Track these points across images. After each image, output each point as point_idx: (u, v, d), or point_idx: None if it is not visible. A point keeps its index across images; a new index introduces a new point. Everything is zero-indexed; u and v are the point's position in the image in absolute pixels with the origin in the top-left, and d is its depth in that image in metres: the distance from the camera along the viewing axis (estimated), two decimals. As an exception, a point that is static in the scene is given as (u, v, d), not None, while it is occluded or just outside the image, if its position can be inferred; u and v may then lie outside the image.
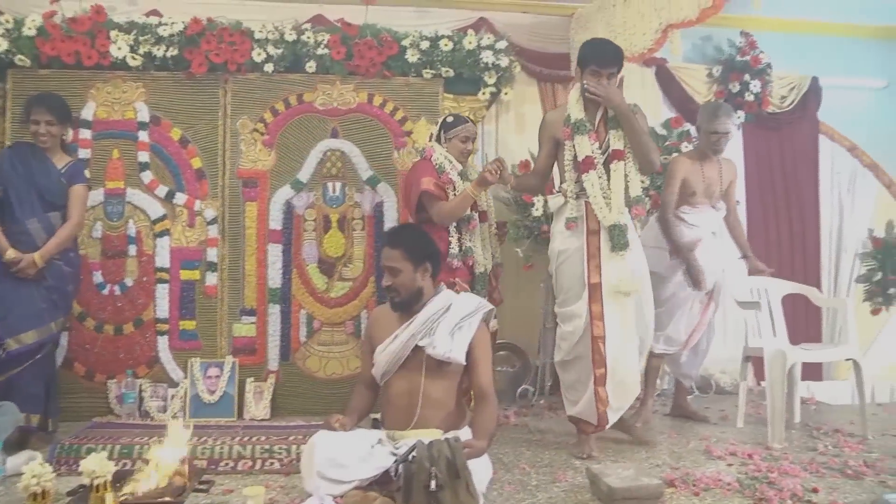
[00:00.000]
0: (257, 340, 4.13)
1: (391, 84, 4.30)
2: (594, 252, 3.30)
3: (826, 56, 5.79)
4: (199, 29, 4.09)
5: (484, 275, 3.67)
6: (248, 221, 4.16)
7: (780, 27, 5.60)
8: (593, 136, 3.34)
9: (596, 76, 3.30)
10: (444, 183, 3.57)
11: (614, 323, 3.27)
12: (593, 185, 3.28)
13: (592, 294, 3.28)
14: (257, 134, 4.19)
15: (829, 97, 5.74)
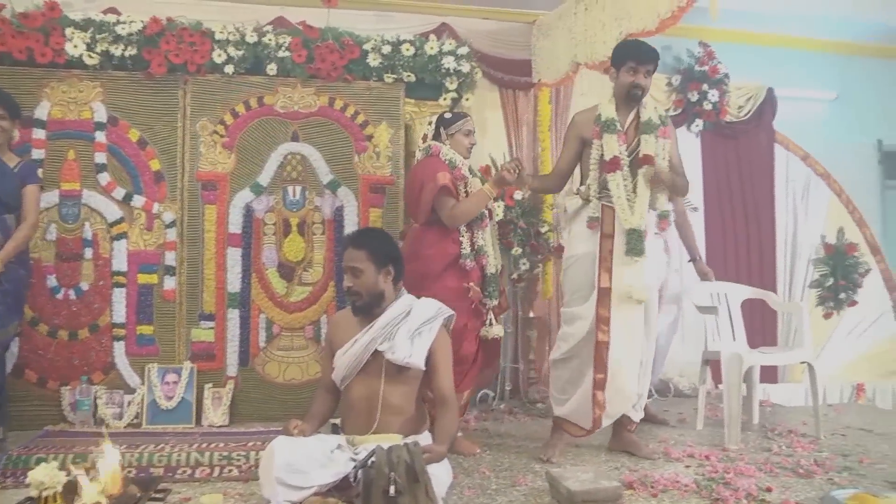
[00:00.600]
0: (216, 346, 4.07)
1: (352, 88, 4.29)
2: (606, 255, 3.26)
3: (781, 68, 5.93)
4: (159, 28, 4.03)
5: (495, 276, 3.59)
6: (207, 225, 4.11)
7: (737, 38, 5.72)
8: (622, 137, 3.30)
9: (633, 73, 3.28)
10: (457, 179, 3.49)
11: (620, 329, 3.22)
12: (618, 186, 3.24)
13: (601, 298, 3.23)
14: (217, 136, 4.14)
15: (783, 107, 5.88)
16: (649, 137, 3.29)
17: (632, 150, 3.31)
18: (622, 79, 3.31)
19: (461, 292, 3.42)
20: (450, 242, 3.48)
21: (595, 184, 3.34)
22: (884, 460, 3.39)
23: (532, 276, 4.94)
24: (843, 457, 3.44)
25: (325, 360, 2.91)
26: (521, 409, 4.60)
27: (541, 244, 4.74)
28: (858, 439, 3.86)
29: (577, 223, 3.43)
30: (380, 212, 4.27)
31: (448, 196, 3.43)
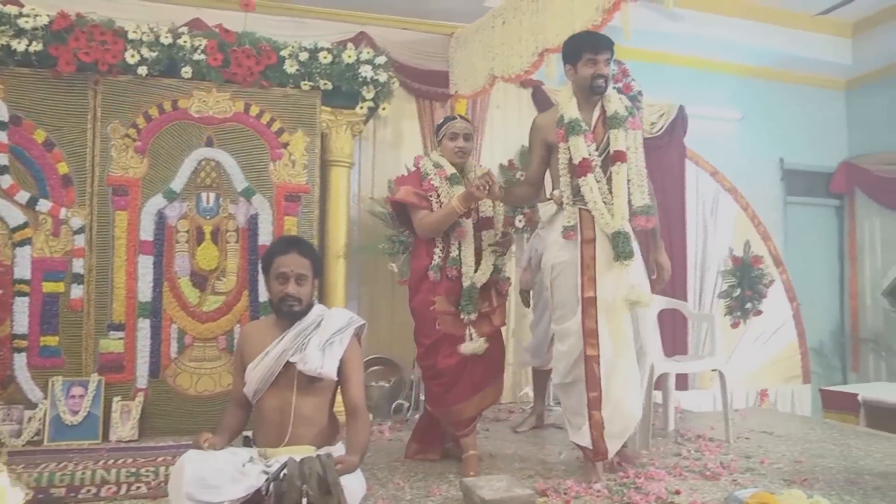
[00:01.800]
0: (125, 357, 3.92)
1: (269, 94, 4.22)
2: (588, 263, 3.06)
3: (691, 87, 6.19)
4: (67, 24, 3.84)
5: (472, 289, 3.33)
6: (117, 231, 3.95)
7: (649, 58, 5.93)
8: (590, 136, 3.09)
9: (593, 64, 3.08)
10: (426, 190, 3.38)
11: (609, 341, 3.02)
12: (592, 190, 3.04)
13: (586, 309, 3.04)
14: (129, 140, 4.00)
15: (694, 125, 6.13)
16: (618, 132, 3.08)
17: (602, 149, 3.12)
18: (581, 72, 3.11)
19: (428, 305, 3.38)
20: (424, 255, 3.43)
21: (568, 189, 3.14)
22: (781, 460, 3.58)
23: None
24: (746, 458, 3.60)
25: (235, 372, 2.84)
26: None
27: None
28: (761, 441, 4.05)
29: (553, 231, 3.24)
30: (295, 220, 4.21)
31: (416, 209, 3.38)
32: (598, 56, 3.08)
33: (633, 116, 3.16)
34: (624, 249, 3.00)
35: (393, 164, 5.16)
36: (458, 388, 3.34)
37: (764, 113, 6.52)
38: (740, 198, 6.49)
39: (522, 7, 4.12)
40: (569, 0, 3.71)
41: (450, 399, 3.35)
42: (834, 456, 3.67)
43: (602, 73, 3.08)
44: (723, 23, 5.82)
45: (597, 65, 3.08)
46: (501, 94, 5.37)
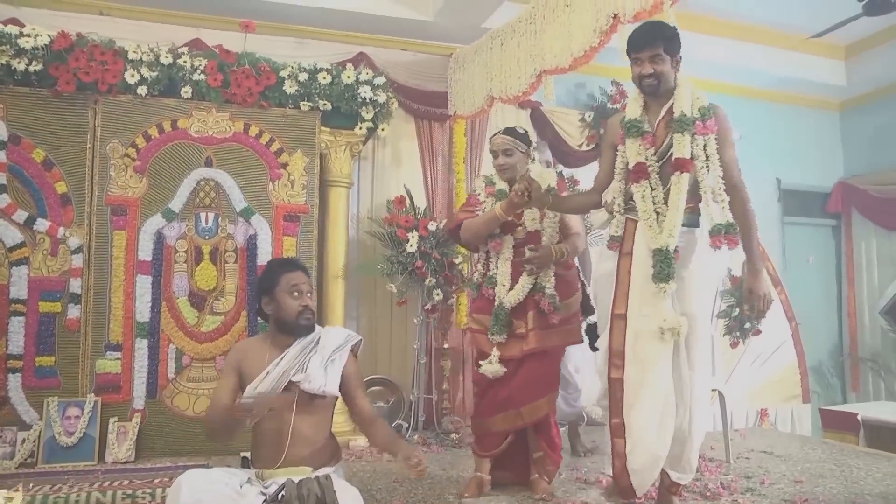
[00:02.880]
0: (122, 377, 3.90)
1: (268, 115, 4.24)
2: (623, 277, 2.77)
3: (689, 107, 6.21)
4: (68, 44, 3.87)
5: (500, 310, 3.12)
6: (115, 251, 3.96)
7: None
8: (649, 139, 2.78)
9: (638, 63, 2.76)
10: (472, 206, 3.32)
11: (636, 367, 2.68)
12: (644, 198, 2.73)
13: (615, 327, 2.76)
14: (128, 159, 4.01)
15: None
16: (682, 137, 2.71)
17: (662, 154, 2.78)
18: (632, 72, 2.82)
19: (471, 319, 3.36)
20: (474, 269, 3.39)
21: (620, 196, 2.87)
22: (782, 480, 3.56)
23: (446, 307, 4.95)
24: (746, 479, 3.57)
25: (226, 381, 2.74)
26: (435, 441, 4.58)
27: (454, 275, 4.76)
28: (761, 461, 4.02)
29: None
30: (294, 240, 4.21)
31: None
32: (640, 54, 2.74)
33: (706, 119, 2.72)
34: (662, 270, 2.63)
35: (392, 185, 5.17)
36: (484, 402, 3.23)
37: (761, 133, 6.54)
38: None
39: (521, 29, 4.15)
40: (566, 22, 3.74)
41: (477, 409, 3.30)
42: (834, 476, 3.65)
43: (647, 73, 2.73)
44: (719, 44, 5.86)
45: (641, 64, 2.75)
46: (500, 114, 5.39)
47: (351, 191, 4.76)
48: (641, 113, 2.82)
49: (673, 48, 2.73)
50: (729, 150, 2.75)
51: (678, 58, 2.77)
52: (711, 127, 2.72)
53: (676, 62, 2.77)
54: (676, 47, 2.75)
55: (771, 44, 6.06)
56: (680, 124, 2.71)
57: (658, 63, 2.72)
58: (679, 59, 2.77)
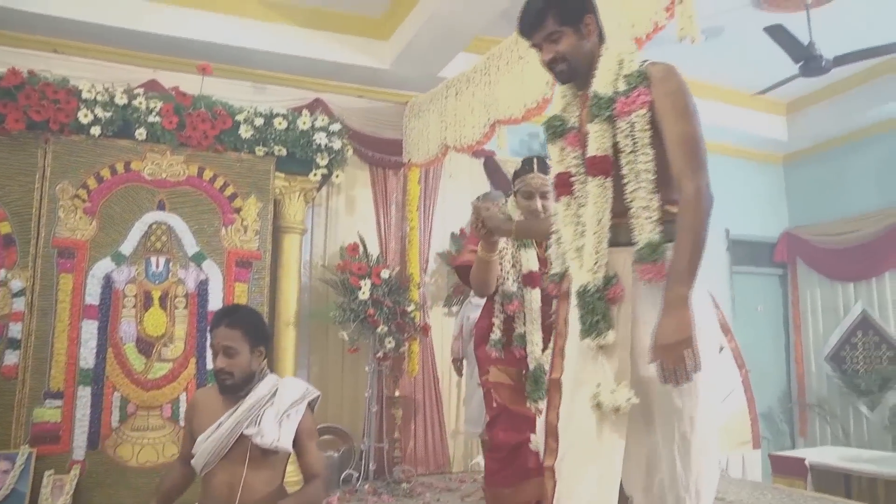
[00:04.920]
0: (62, 426, 3.75)
1: (223, 159, 4.21)
2: (561, 329, 2.05)
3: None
4: (18, 81, 3.78)
5: (539, 371, 2.76)
6: (61, 295, 3.83)
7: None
8: (571, 138, 2.06)
9: (539, 50, 2.08)
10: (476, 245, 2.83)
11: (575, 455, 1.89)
12: (566, 220, 2.03)
13: (550, 396, 2.02)
14: (78, 201, 3.92)
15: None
16: (596, 126, 1.95)
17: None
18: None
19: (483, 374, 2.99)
20: (486, 314, 3.00)
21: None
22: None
23: (398, 355, 4.92)
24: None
25: (184, 436, 2.73)
26: (386, 490, 4.50)
27: (406, 323, 4.74)
28: (712, 511, 4.03)
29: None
30: (245, 287, 4.15)
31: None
32: (533, 40, 2.09)
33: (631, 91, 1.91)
34: (588, 321, 1.88)
35: (346, 232, 5.16)
36: (511, 469, 2.86)
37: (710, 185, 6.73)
38: (708, 271, 6.65)
39: (475, 79, 4.23)
40: (520, 73, 3.82)
41: (499, 479, 2.89)
42: (784, 524, 3.68)
43: (547, 59, 2.05)
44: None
45: (541, 51, 2.07)
46: (454, 163, 5.44)
47: (304, 237, 4.74)
48: (564, 107, 2.11)
49: (569, 14, 2.00)
50: (679, 123, 1.87)
51: (587, 22, 2.01)
52: (638, 98, 1.90)
53: (587, 28, 2.01)
54: (575, 10, 2.01)
55: (717, 99, 6.28)
56: (593, 109, 1.96)
57: (557, 41, 2.02)
58: (590, 22, 2.02)
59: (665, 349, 1.72)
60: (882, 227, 6.30)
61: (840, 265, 6.74)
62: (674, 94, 1.90)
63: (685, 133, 1.88)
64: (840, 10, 4.78)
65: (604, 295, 1.89)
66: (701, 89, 6.16)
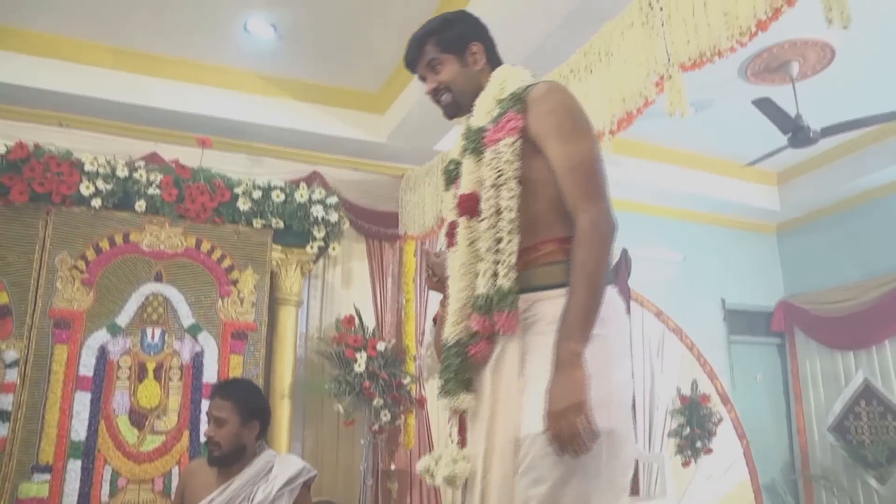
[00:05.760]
0: (49, 502, 3.66)
1: (220, 231, 4.25)
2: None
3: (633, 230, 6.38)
4: (24, 154, 3.85)
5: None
6: (55, 366, 3.81)
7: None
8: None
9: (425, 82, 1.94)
10: None
11: None
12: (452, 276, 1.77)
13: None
14: (76, 271, 3.94)
15: (638, 267, 6.31)
16: (467, 161, 1.76)
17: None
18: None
19: None
20: None
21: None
22: None
23: (394, 428, 4.86)
24: None
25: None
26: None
27: (402, 395, 4.70)
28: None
29: None
30: (241, 359, 4.13)
31: None
32: (416, 71, 1.95)
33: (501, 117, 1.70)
34: (441, 378, 1.70)
35: (342, 304, 5.16)
36: None
37: (704, 255, 6.78)
38: (685, 338, 6.61)
39: (471, 152, 4.29)
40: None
41: None
42: None
43: (429, 90, 1.91)
44: (658, 169, 6.15)
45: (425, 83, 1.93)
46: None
47: (300, 309, 4.74)
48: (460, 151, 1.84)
49: (450, 41, 1.85)
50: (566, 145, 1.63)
51: (473, 51, 1.86)
52: (507, 124, 1.67)
53: (473, 57, 1.86)
54: (458, 37, 1.86)
55: (708, 170, 6.39)
56: (465, 143, 1.78)
57: (438, 70, 1.87)
58: (477, 51, 1.86)
59: (555, 417, 1.46)
60: (879, 293, 6.29)
61: (839, 333, 6.71)
62: (555, 113, 1.65)
63: (573, 156, 1.61)
64: (825, 82, 4.92)
65: (462, 351, 1.65)
66: (692, 160, 6.29)
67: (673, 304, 6.57)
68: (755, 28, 2.61)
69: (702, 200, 6.58)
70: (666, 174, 6.20)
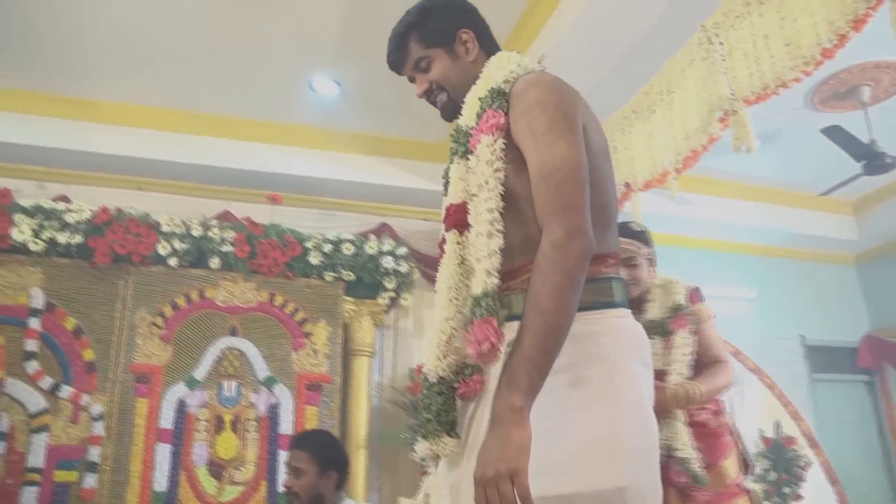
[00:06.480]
0: (135, 553, 3.76)
1: (293, 285, 4.34)
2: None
3: (705, 268, 6.28)
4: (107, 218, 4.07)
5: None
6: (137, 419, 3.94)
7: (662, 241, 5.98)
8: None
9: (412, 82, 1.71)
10: None
11: None
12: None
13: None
14: (155, 328, 4.09)
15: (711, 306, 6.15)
16: (454, 167, 1.54)
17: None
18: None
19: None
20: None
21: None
22: None
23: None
24: None
25: None
26: None
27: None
28: None
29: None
30: (316, 410, 4.18)
31: None
32: (403, 73, 1.71)
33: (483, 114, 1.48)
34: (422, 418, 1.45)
35: (414, 353, 5.17)
36: None
37: (779, 290, 6.56)
38: (765, 377, 6.38)
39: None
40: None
41: None
42: None
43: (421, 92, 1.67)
44: (728, 205, 6.03)
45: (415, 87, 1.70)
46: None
47: (373, 359, 4.77)
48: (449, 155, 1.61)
49: (434, 33, 1.62)
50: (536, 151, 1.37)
51: (463, 39, 1.63)
52: (487, 122, 1.45)
53: (464, 46, 1.63)
54: (442, 27, 1.63)
55: (780, 203, 6.23)
56: (451, 146, 1.58)
57: (427, 68, 1.65)
58: (468, 39, 1.64)
59: (480, 485, 1.19)
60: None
61: (934, 368, 6.38)
62: (528, 113, 1.39)
63: (546, 163, 1.35)
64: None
65: (446, 389, 1.41)
66: (762, 193, 6.15)
67: (749, 342, 6.36)
68: (820, 56, 2.58)
69: (774, 234, 6.41)
70: (736, 209, 6.07)
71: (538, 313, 1.24)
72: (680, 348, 2.39)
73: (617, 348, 1.34)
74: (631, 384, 1.33)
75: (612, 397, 1.29)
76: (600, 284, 1.38)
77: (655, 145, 3.49)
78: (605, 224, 1.41)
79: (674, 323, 2.49)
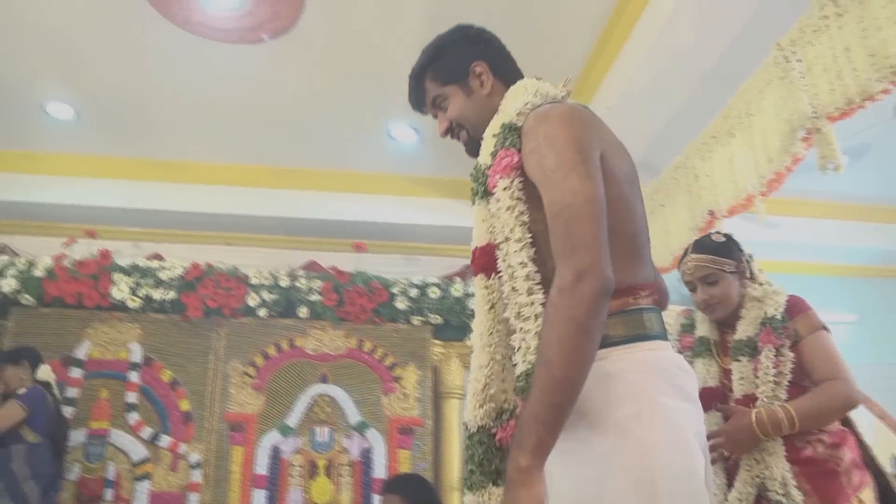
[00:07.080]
0: None
1: (381, 330, 4.40)
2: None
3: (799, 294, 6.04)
4: (198, 274, 4.25)
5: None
6: (233, 466, 4.04)
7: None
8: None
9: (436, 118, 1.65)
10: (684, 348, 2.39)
11: None
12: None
13: None
14: (247, 377, 4.20)
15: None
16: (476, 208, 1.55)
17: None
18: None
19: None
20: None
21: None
22: None
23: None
24: None
25: None
26: None
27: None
28: None
29: None
30: (408, 453, 4.19)
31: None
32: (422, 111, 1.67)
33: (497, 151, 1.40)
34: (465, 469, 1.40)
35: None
36: None
37: (880, 312, 6.23)
38: (874, 406, 6.01)
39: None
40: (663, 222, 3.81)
41: None
42: None
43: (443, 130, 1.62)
44: (819, 226, 5.80)
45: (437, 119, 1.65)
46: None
47: (464, 401, 4.75)
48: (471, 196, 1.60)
49: (448, 70, 1.57)
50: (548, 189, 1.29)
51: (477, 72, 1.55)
52: (501, 163, 1.39)
53: (479, 79, 1.56)
54: (455, 63, 1.56)
55: (873, 220, 5.95)
56: (472, 186, 1.55)
57: (444, 104, 1.59)
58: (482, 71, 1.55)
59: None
60: None
61: None
62: (538, 150, 1.31)
63: (556, 201, 1.26)
64: None
65: (486, 438, 1.34)
66: (854, 212, 5.89)
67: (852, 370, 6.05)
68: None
69: (870, 253, 6.11)
70: (827, 229, 5.83)
71: (544, 367, 1.16)
72: (765, 367, 2.11)
73: (646, 384, 1.23)
74: (663, 422, 1.21)
75: (638, 439, 1.18)
76: (630, 316, 1.28)
77: (737, 170, 3.40)
78: (634, 254, 1.33)
79: (762, 339, 2.18)
